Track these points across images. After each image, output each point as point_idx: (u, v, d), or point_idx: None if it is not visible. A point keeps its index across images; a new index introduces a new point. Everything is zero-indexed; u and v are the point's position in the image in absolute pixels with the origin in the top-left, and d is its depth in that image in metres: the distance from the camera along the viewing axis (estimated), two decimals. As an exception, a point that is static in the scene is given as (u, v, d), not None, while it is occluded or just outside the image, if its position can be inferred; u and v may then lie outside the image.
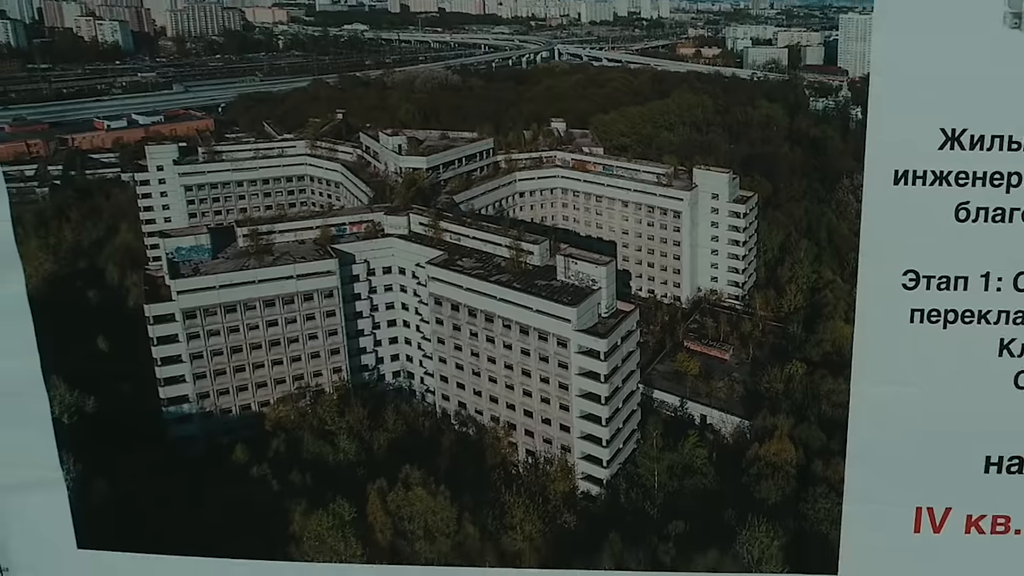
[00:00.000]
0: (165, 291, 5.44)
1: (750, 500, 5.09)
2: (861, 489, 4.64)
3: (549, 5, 6.98)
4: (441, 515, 5.18)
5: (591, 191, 6.17)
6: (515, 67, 7.01)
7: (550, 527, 5.04)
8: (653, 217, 6.11)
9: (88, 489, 4.54)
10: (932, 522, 4.83)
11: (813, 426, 5.46)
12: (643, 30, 7.11)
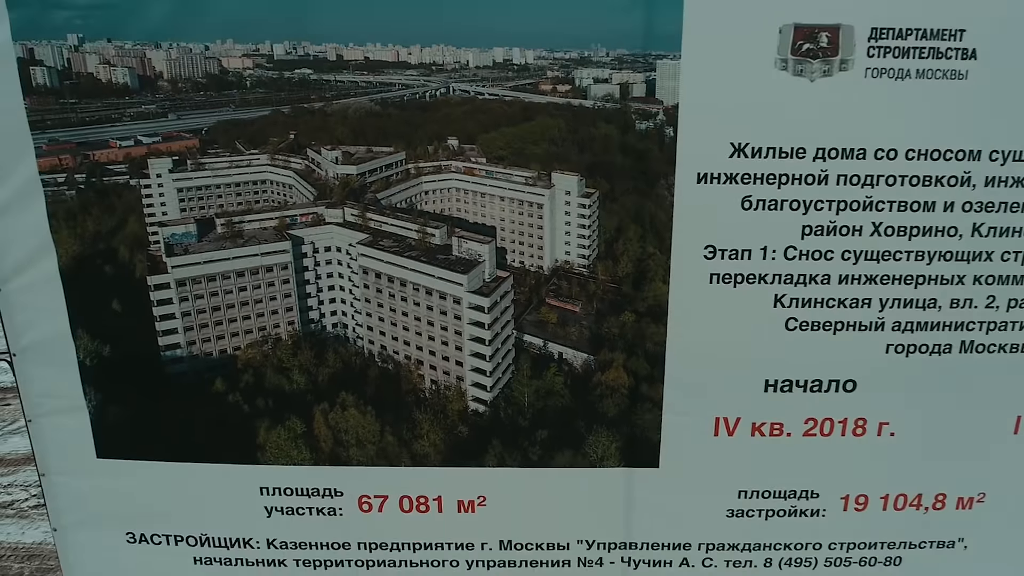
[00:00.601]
0: (163, 266, 5.34)
1: (595, 414, 5.09)
2: (675, 405, 4.86)
3: (445, 54, 7.02)
4: (368, 428, 5.12)
5: (477, 190, 6.07)
6: (421, 99, 6.88)
7: (449, 435, 4.99)
8: (523, 208, 6.08)
9: (104, 413, 4.53)
10: (727, 428, 5.01)
11: (640, 359, 5.44)
12: (514, 72, 7.05)
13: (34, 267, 4.64)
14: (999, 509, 5.07)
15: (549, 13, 4.16)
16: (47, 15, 4.10)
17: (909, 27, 4.12)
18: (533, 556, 5.24)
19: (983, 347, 4.66)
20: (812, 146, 4.32)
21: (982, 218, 4.41)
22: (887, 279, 4.53)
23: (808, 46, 4.15)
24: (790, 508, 5.05)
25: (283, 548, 5.15)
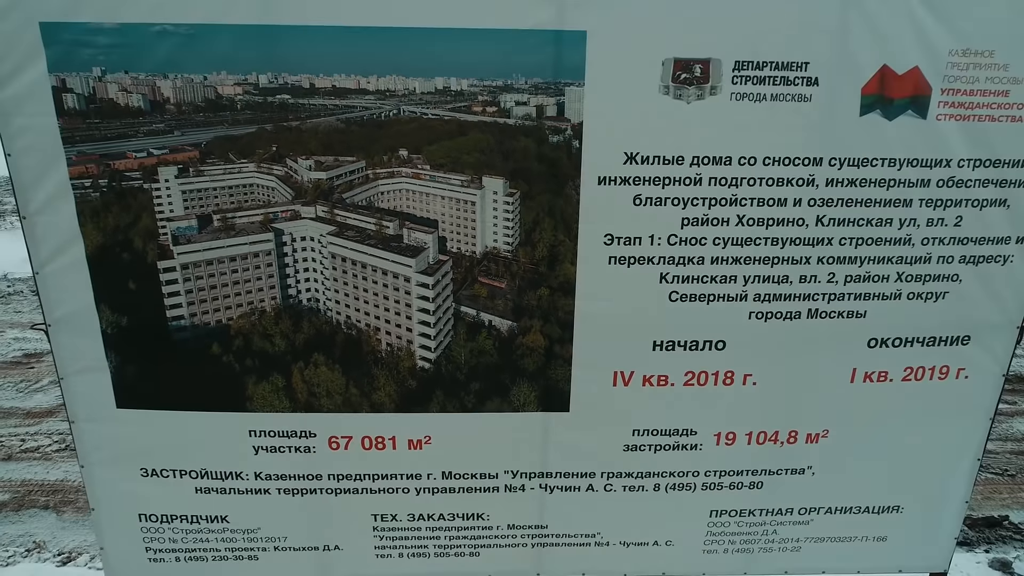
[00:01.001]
0: (170, 253, 5.20)
1: (517, 369, 5.02)
2: (581, 361, 4.90)
3: (397, 83, 6.89)
4: (336, 383, 5.04)
5: (423, 191, 5.99)
6: (377, 119, 6.74)
7: (401, 387, 4.90)
8: (459, 206, 5.97)
9: (122, 372, 4.47)
10: (623, 379, 5.00)
11: (553, 325, 5.33)
12: (452, 97, 6.93)
13: (65, 254, 4.67)
14: (839, 442, 5.18)
15: (480, 50, 4.11)
16: (76, 52, 4.06)
17: (765, 60, 4.23)
18: (469, 484, 5.28)
19: (825, 313, 4.78)
20: (689, 155, 4.42)
21: (823, 211, 4.52)
22: (749, 260, 4.65)
23: (685, 75, 4.23)
24: (674, 443, 5.14)
25: (268, 480, 5.16)
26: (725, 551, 5.56)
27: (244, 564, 5.40)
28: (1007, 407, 11.74)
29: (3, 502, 9.31)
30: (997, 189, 4.53)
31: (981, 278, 4.76)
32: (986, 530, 8.96)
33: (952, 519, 5.54)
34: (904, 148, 4.42)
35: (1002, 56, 4.26)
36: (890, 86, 4.28)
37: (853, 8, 4.18)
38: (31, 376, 12.42)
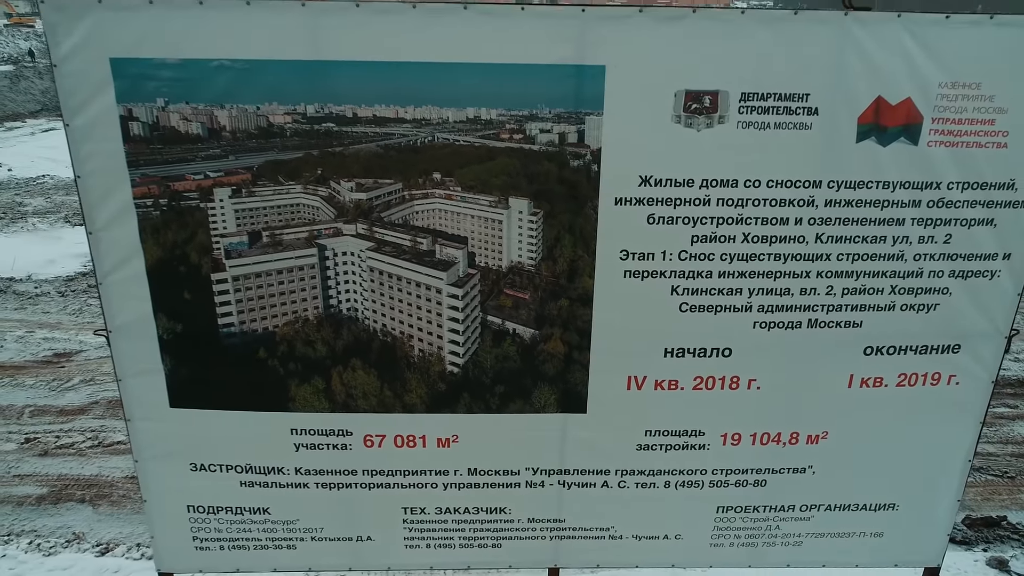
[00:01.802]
0: (222, 266, 5.37)
1: (539, 374, 5.17)
2: (598, 367, 5.15)
3: (432, 112, 7.05)
4: (371, 385, 5.20)
5: (454, 210, 6.10)
6: (413, 145, 6.88)
7: (431, 390, 5.04)
8: (487, 224, 6.11)
9: (176, 374, 4.66)
10: (637, 383, 5.19)
11: (572, 333, 5.51)
12: (482, 125, 7.09)
13: (127, 267, 4.94)
14: (838, 443, 5.42)
15: (507, 82, 4.45)
16: (141, 84, 4.42)
17: (769, 92, 4.52)
18: (492, 480, 5.53)
19: (824, 323, 5.02)
20: (699, 178, 4.70)
21: (822, 229, 4.79)
22: (754, 274, 4.92)
23: (695, 106, 4.53)
24: (683, 443, 5.39)
25: (307, 474, 5.43)
26: (731, 545, 5.75)
27: (283, 553, 5.68)
28: (1009, 411, 11.90)
29: (42, 496, 9.63)
30: (984, 209, 4.77)
31: (970, 291, 4.98)
32: (984, 530, 9.20)
33: (945, 517, 5.77)
34: (897, 172, 4.66)
35: (988, 88, 4.54)
36: (884, 115, 4.55)
37: (850, 44, 4.46)
38: (62, 375, 12.71)
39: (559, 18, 4.43)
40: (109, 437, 10.97)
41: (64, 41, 4.34)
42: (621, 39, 4.46)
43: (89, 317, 15.23)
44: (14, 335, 14.29)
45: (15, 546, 8.63)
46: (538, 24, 4.42)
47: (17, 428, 11.21)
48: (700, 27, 4.45)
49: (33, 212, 23.69)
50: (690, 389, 5.25)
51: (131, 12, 4.32)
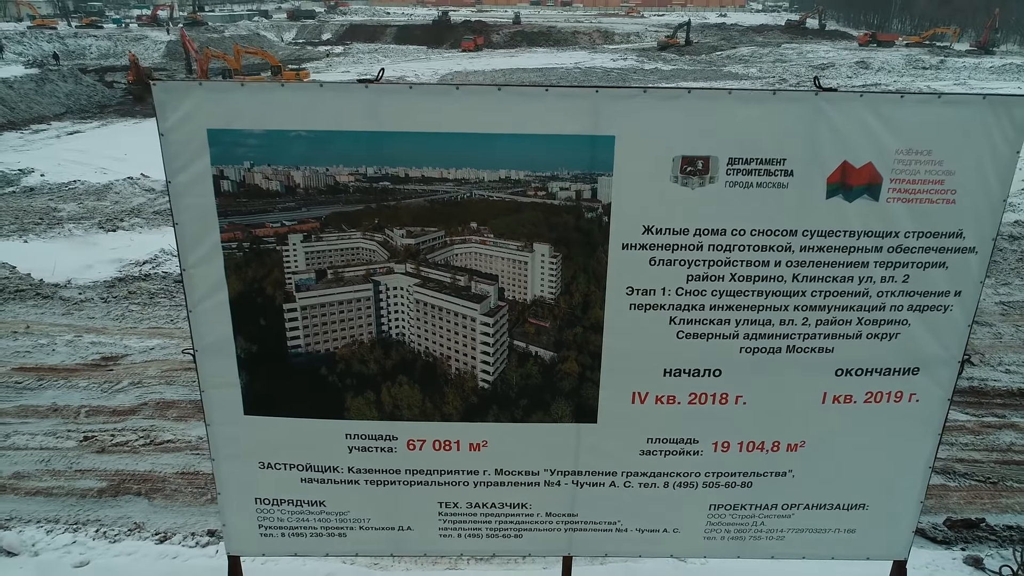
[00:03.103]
0: (293, 298, 5.76)
1: (557, 390, 5.51)
2: (607, 384, 5.62)
3: (470, 173, 7.48)
4: (414, 398, 5.59)
5: (487, 253, 6.42)
6: (455, 200, 7.22)
7: (465, 402, 5.43)
8: (515, 265, 6.45)
9: (250, 387, 5.11)
10: (640, 398, 5.79)
11: (585, 356, 5.84)
12: (511, 184, 7.49)
13: (213, 297, 5.56)
14: (814, 451, 5.92)
15: (534, 149, 5.12)
16: (232, 150, 5.12)
17: (752, 157, 5.10)
18: (516, 479, 6.04)
19: (800, 349, 5.54)
20: (693, 227, 5.24)
21: (798, 270, 5.33)
22: (740, 307, 5.44)
23: (690, 169, 5.11)
24: (680, 449, 5.90)
25: (358, 472, 5.97)
26: (722, 538, 6.22)
27: (335, 540, 6.27)
28: (997, 420, 12.50)
29: (102, 489, 10.44)
30: (937, 254, 5.30)
31: (926, 323, 5.49)
32: (964, 531, 9.88)
33: (909, 515, 6.23)
34: (861, 223, 5.21)
35: (937, 154, 5.09)
36: (850, 176, 5.12)
37: (820, 118, 5.00)
38: (112, 377, 13.47)
39: (576, 97, 5.03)
40: (160, 436, 11.75)
41: (171, 115, 5.10)
42: (628, 114, 5.01)
43: (131, 322, 15.98)
44: (64, 339, 15.04)
45: (83, 534, 9.41)
46: (559, 102, 5.02)
47: (75, 427, 12.00)
48: (694, 104, 5.04)
49: (68, 218, 24.24)
50: (686, 403, 5.74)
51: (226, 93, 5.09)
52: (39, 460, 11.15)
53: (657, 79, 73.48)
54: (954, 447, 11.86)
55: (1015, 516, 10.20)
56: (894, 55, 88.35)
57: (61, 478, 10.77)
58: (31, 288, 17.57)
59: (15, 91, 52.50)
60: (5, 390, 13.03)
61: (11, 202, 26.87)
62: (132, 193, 27.82)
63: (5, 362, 14.09)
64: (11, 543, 8.88)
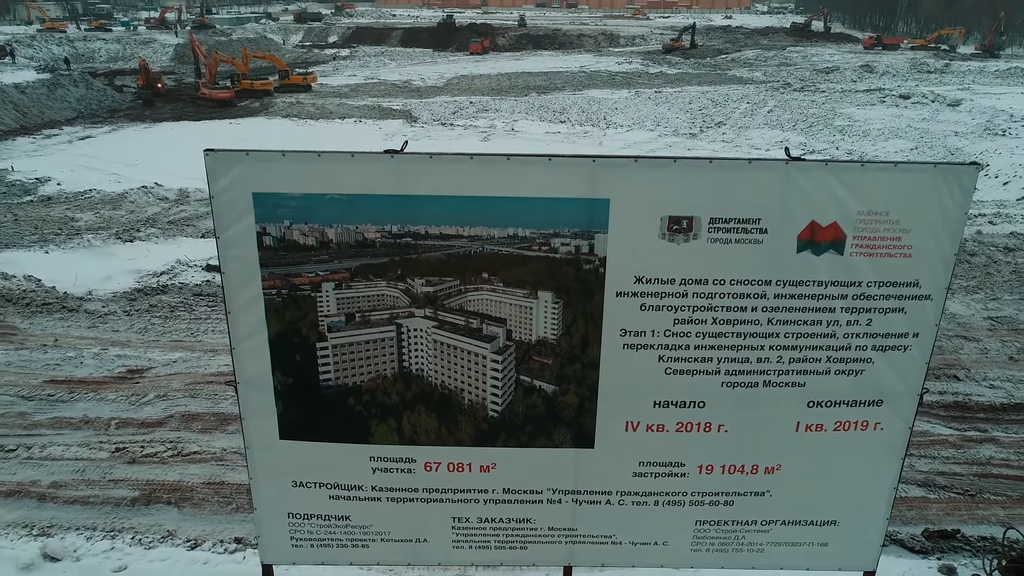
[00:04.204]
0: (325, 338, 6.10)
1: (558, 419, 5.84)
2: (603, 413, 5.87)
3: (482, 231, 7.91)
4: (431, 426, 5.91)
5: (497, 300, 6.75)
6: (468, 254, 7.58)
7: (476, 429, 5.76)
8: (521, 310, 6.78)
9: (285, 415, 5.43)
10: (632, 427, 6.22)
11: (584, 389, 6.18)
12: (518, 240, 7.89)
13: (255, 337, 6.02)
14: (789, 473, 6.33)
15: (538, 210, 5.62)
16: (274, 211, 5.70)
17: (731, 217, 5.54)
18: (521, 497, 6.43)
19: (775, 384, 5.98)
20: (678, 278, 5.70)
21: (772, 315, 5.78)
22: (721, 347, 5.87)
23: (676, 227, 5.56)
24: (668, 472, 6.30)
25: (380, 491, 6.39)
26: (707, 550, 6.61)
27: (359, 550, 6.66)
28: (978, 434, 12.97)
29: (135, 498, 11.03)
30: (896, 301, 5.75)
31: (888, 361, 5.92)
32: (941, 541, 10.40)
33: (877, 530, 6.60)
34: (828, 275, 5.65)
35: (895, 215, 5.55)
36: (817, 234, 5.56)
37: (791, 184, 5.47)
38: (139, 390, 14.07)
39: (576, 166, 5.52)
40: (187, 448, 12.34)
41: (221, 180, 5.73)
42: (621, 180, 5.48)
43: (154, 335, 16.56)
44: (91, 352, 15.62)
45: (120, 540, 10.01)
46: (560, 170, 5.52)
47: (107, 438, 12.60)
48: (680, 171, 5.51)
49: (86, 228, 24.86)
50: (673, 431, 6.15)
51: (269, 161, 5.68)
52: (75, 470, 11.70)
53: (662, 83, 73.32)
54: (936, 460, 12.32)
55: (990, 527, 10.56)
56: (899, 58, 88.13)
57: (96, 487, 11.30)
58: (57, 301, 18.07)
59: (27, 96, 52.95)
60: (40, 402, 13.57)
61: (30, 211, 27.44)
62: (146, 202, 28.40)
63: (37, 374, 14.61)
64: (55, 549, 9.52)
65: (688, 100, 61.00)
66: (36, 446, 12.22)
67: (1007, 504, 11.33)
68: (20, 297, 18.03)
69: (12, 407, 13.36)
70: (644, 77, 78.56)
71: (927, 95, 57.55)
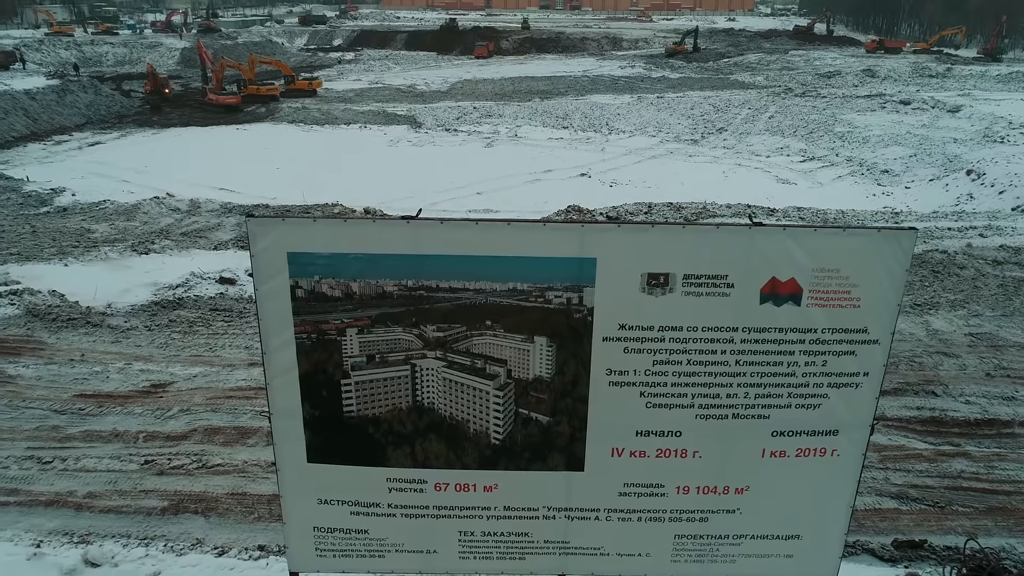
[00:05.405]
0: (348, 376, 6.52)
1: (552, 446, 6.29)
2: (592, 440, 6.80)
3: (486, 285, 8.34)
4: (441, 451, 6.30)
5: (499, 343, 7.21)
6: (474, 304, 7.99)
7: (480, 455, 6.15)
8: (520, 352, 7.26)
9: (312, 441, 5.72)
10: (618, 452, 6.72)
11: (575, 420, 6.64)
12: (517, 292, 8.37)
13: (287, 375, 6.62)
14: (757, 493, 6.84)
15: (534, 267, 6.26)
16: (306, 267, 6.40)
17: (702, 273, 6.15)
18: (520, 514, 6.93)
19: (743, 416, 6.54)
20: (657, 325, 6.29)
21: (739, 356, 6.37)
22: (695, 384, 6.43)
23: (654, 282, 6.16)
24: (649, 492, 6.83)
25: (395, 508, 6.91)
26: (685, 561, 7.09)
27: (375, 560, 7.20)
28: (952, 448, 13.57)
29: (164, 508, 11.70)
30: (848, 345, 6.35)
31: (842, 396, 6.49)
32: (909, 551, 11.00)
33: (836, 544, 7.12)
34: (788, 322, 6.23)
35: (845, 272, 6.17)
36: (777, 288, 6.16)
37: (754, 245, 6.08)
38: (163, 404, 14.64)
39: (567, 230, 6.18)
40: (211, 460, 12.95)
41: (260, 242, 6.50)
42: (607, 242, 6.08)
43: (174, 350, 17.15)
44: (115, 367, 16.29)
45: (154, 547, 10.70)
46: (554, 233, 6.16)
47: (136, 451, 13.22)
48: (658, 235, 6.13)
49: (102, 240, 25.57)
50: (654, 457, 6.67)
51: (302, 226, 6.46)
52: (107, 481, 12.31)
53: (664, 87, 73.28)
54: (910, 474, 12.84)
55: (955, 537, 11.08)
56: (901, 63, 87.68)
57: (128, 497, 11.89)
58: (81, 316, 18.66)
59: (38, 102, 53.24)
60: (71, 416, 14.13)
61: (47, 223, 28.00)
62: (159, 213, 29.04)
63: (68, 388, 15.18)
64: (95, 555, 10.26)
65: (690, 105, 61.41)
66: (71, 458, 12.73)
67: (974, 516, 11.80)
68: (47, 312, 18.54)
69: (46, 420, 13.85)
70: (647, 82, 78.57)
71: (927, 101, 57.44)
